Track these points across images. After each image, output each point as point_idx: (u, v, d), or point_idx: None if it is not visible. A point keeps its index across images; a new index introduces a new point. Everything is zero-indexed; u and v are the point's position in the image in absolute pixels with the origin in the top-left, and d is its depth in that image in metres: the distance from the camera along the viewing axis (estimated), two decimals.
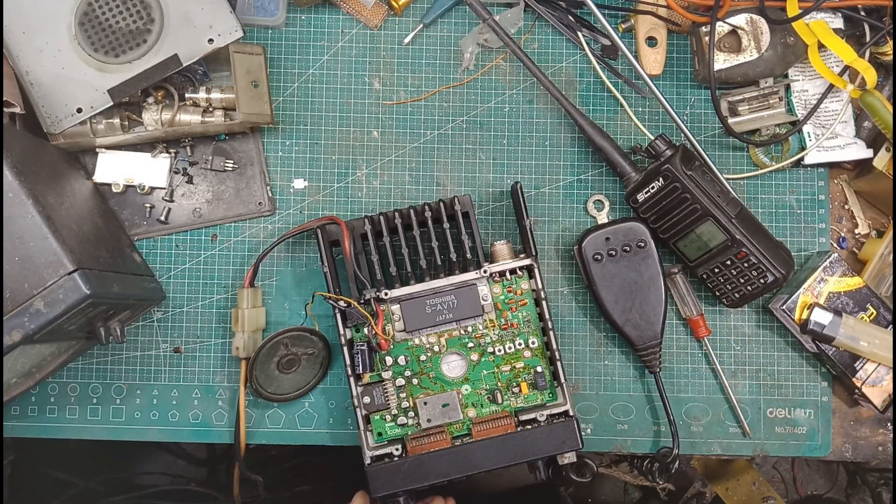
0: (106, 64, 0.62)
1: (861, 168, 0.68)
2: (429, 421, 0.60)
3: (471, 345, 0.62)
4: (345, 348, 0.60)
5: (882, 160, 0.65)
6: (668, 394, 0.67)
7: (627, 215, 0.68)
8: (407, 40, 0.69)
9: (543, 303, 0.61)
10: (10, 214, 0.52)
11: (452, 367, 0.62)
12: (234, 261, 0.68)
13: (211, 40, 0.63)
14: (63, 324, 0.53)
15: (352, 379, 0.60)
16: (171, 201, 0.68)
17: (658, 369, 0.65)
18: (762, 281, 0.62)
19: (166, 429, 0.67)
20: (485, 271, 0.61)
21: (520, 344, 0.61)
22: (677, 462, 0.64)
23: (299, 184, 0.68)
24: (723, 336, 0.68)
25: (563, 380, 0.61)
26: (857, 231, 0.69)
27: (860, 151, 0.67)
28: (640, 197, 0.63)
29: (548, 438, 0.59)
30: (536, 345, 0.61)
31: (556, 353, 0.61)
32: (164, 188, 0.68)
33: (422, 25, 0.69)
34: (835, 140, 0.67)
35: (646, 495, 1.08)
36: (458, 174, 0.68)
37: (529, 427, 0.59)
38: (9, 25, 0.62)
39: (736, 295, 0.64)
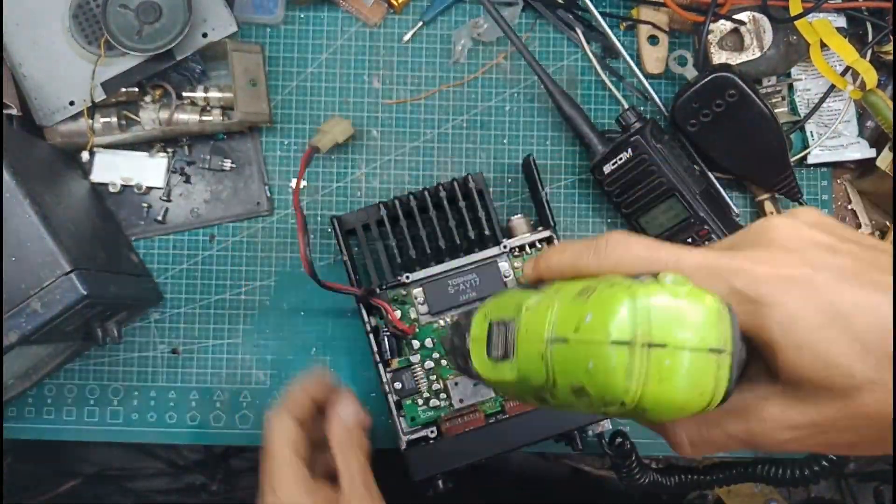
0: (99, 57, 0.62)
1: (864, 168, 0.68)
2: (461, 401, 0.60)
3: None
4: (370, 336, 0.60)
5: (885, 160, 0.65)
6: None
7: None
8: (406, 38, 0.69)
9: None
10: (6, 214, 0.52)
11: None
12: (232, 261, 0.67)
13: (205, 34, 0.62)
14: (60, 324, 0.53)
15: (380, 366, 0.60)
16: (169, 201, 0.67)
17: (801, 195, 0.65)
18: None
19: (164, 430, 0.67)
20: (504, 247, 0.61)
21: None
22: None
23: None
24: None
25: None
26: (860, 231, 0.69)
27: (863, 151, 0.67)
28: (607, 169, 0.63)
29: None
30: None
31: None
32: (162, 188, 0.67)
33: (421, 23, 0.69)
34: (837, 139, 0.67)
35: (646, 495, 1.07)
36: (458, 174, 0.67)
37: None
38: (3, 17, 0.61)
39: None
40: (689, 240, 0.62)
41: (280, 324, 0.67)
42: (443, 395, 0.60)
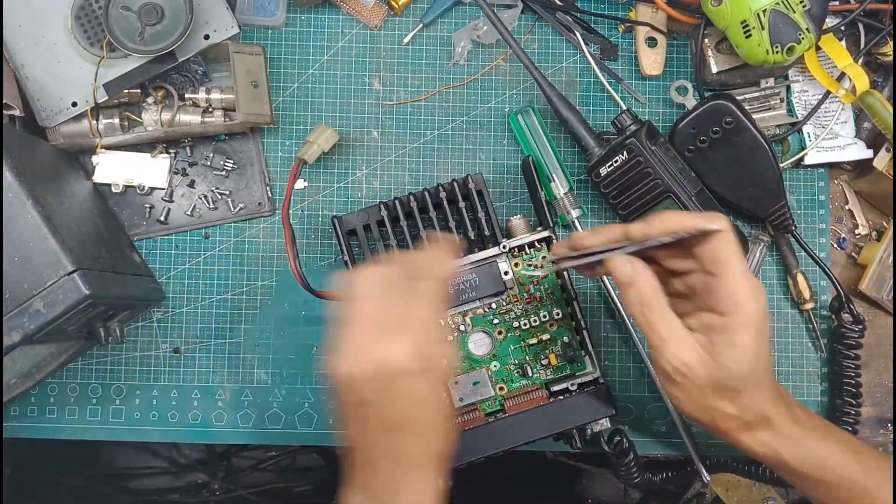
0: (102, 58, 0.62)
1: (861, 168, 0.68)
2: (461, 400, 0.60)
3: (496, 321, 0.62)
4: None
5: (882, 161, 0.65)
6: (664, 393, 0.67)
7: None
8: (406, 40, 0.69)
9: (565, 273, 0.61)
10: (9, 215, 0.52)
11: (479, 345, 0.62)
12: (233, 261, 0.68)
13: (207, 36, 0.63)
14: (62, 324, 0.53)
15: None
16: (171, 202, 0.68)
17: (794, 227, 0.65)
18: None
19: (166, 429, 0.67)
20: (504, 247, 0.61)
21: (544, 316, 0.61)
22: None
23: (299, 184, 0.68)
24: None
25: (590, 348, 0.61)
26: (857, 231, 0.69)
27: (860, 152, 0.67)
28: (603, 171, 0.63)
29: (580, 407, 0.60)
30: (561, 316, 0.62)
31: (582, 322, 0.61)
32: (164, 189, 0.68)
33: (421, 25, 0.69)
34: (835, 140, 0.67)
35: (646, 496, 1.08)
36: (458, 174, 0.68)
37: (561, 398, 0.60)
38: (5, 18, 0.62)
39: None
40: None
41: (281, 323, 0.68)
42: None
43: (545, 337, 0.62)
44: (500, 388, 0.61)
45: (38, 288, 0.52)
